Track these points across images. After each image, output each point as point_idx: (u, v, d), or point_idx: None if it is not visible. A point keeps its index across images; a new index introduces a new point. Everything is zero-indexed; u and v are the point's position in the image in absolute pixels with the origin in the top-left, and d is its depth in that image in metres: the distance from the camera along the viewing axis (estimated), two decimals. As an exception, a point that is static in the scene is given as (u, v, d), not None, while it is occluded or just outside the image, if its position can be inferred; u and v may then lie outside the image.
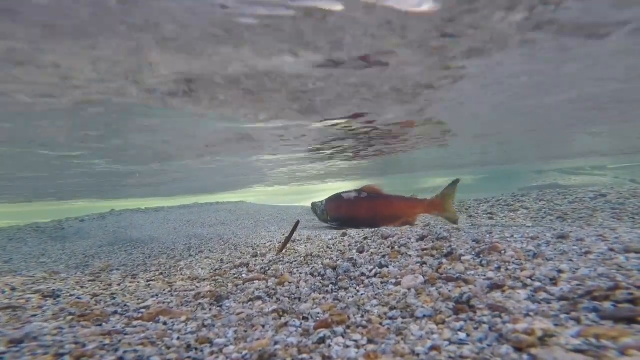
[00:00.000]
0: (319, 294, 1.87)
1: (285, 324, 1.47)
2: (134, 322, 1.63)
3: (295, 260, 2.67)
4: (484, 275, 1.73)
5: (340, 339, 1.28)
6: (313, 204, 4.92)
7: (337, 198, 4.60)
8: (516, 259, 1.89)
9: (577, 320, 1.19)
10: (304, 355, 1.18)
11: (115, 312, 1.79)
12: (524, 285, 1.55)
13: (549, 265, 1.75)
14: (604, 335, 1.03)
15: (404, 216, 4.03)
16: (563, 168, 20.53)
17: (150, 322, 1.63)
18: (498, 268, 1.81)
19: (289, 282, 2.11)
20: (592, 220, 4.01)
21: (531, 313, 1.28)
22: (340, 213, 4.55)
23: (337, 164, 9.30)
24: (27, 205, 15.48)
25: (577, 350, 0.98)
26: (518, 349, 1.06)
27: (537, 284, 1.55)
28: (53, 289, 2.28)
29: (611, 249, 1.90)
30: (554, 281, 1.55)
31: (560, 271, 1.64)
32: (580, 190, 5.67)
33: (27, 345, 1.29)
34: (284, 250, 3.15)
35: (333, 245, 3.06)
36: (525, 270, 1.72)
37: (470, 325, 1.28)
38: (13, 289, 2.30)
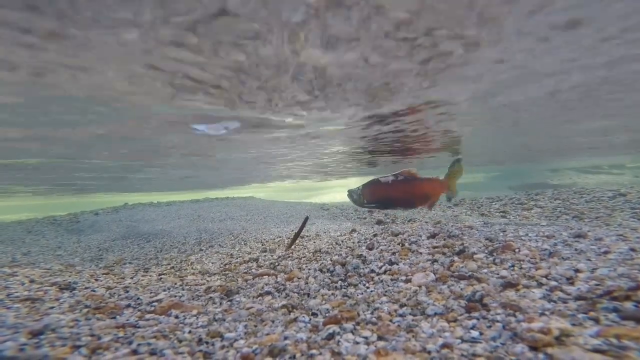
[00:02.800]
0: (328, 290, 1.86)
1: (295, 319, 1.47)
2: (147, 316, 1.66)
3: (305, 257, 2.67)
4: (498, 274, 1.70)
5: (350, 336, 1.27)
6: (349, 191, 5.61)
7: (374, 183, 5.14)
8: (531, 258, 1.85)
9: (596, 321, 1.15)
10: (314, 351, 1.18)
11: (128, 306, 1.82)
12: (539, 285, 1.51)
13: (565, 265, 1.70)
14: (625, 336, 1.00)
15: (433, 196, 4.30)
16: (579, 167, 19.98)
17: (163, 316, 1.65)
18: (512, 267, 1.77)
19: (298, 278, 2.11)
20: (611, 220, 3.88)
21: (547, 312, 1.25)
22: (378, 195, 5.07)
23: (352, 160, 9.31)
24: (46, 198, 15.97)
25: (597, 351, 0.95)
26: (534, 348, 1.03)
27: (553, 283, 1.51)
28: (69, 282, 2.34)
29: (632, 249, 1.84)
30: (571, 281, 1.51)
31: (577, 271, 1.59)
32: (598, 190, 5.50)
33: (46, 336, 1.33)
34: (293, 247, 3.16)
35: (342, 242, 3.05)
36: (540, 269, 1.67)
37: (484, 323, 1.25)
38: (32, 281, 2.37)
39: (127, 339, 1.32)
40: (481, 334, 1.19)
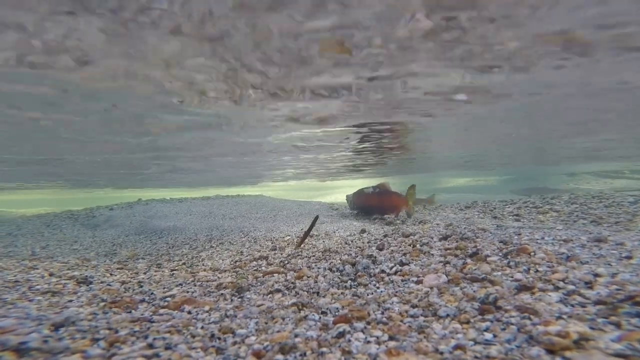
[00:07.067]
0: (338, 289, 1.86)
1: (305, 317, 1.48)
2: (161, 311, 1.69)
3: (314, 256, 2.68)
4: (512, 277, 1.66)
5: (360, 335, 1.27)
6: (347, 196, 6.52)
7: (359, 192, 6.01)
8: (547, 262, 1.80)
9: (618, 325, 1.11)
10: (324, 349, 1.18)
11: (143, 300, 1.86)
12: (556, 288, 1.47)
13: (584, 269, 1.65)
14: (650, 342, 0.96)
15: (398, 208, 5.01)
16: (599, 171, 19.37)
17: (176, 311, 1.68)
18: (527, 270, 1.73)
19: (308, 277, 2.12)
20: (632, 226, 3.74)
21: (564, 316, 1.21)
22: (360, 202, 5.94)
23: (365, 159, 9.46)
24: (65, 192, 16.50)
25: (620, 355, 0.92)
26: (551, 351, 1.00)
27: (570, 287, 1.47)
28: (86, 276, 2.41)
29: (655, 254, 1.77)
30: (589, 285, 1.46)
31: (597, 275, 1.55)
32: (619, 194, 5.33)
33: (67, 329, 1.37)
34: (302, 245, 3.17)
35: (352, 241, 3.04)
36: (557, 272, 1.63)
37: (498, 326, 1.23)
38: (51, 274, 2.45)
39: (143, 333, 1.35)
40: (495, 336, 1.16)
